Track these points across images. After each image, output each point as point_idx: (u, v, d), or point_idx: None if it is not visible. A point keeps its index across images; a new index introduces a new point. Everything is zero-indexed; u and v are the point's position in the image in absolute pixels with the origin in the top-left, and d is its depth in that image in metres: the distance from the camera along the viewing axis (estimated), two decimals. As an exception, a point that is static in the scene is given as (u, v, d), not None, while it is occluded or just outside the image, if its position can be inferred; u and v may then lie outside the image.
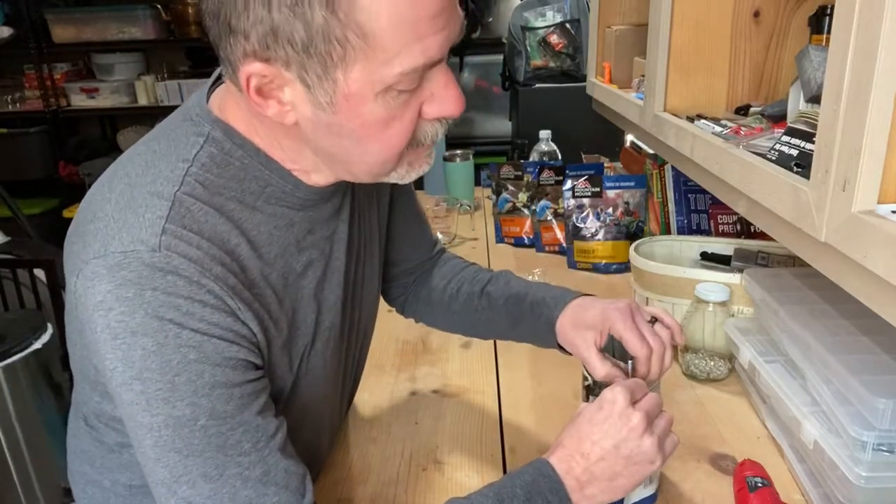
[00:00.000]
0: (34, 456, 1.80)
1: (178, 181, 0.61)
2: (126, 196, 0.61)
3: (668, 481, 0.86)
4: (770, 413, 0.94)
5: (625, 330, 0.75)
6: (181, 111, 0.69)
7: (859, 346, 0.77)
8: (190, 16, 3.56)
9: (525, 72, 2.49)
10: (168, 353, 0.57)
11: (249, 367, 0.63)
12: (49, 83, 3.69)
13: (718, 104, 1.08)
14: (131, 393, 0.58)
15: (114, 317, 0.57)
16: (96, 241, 0.59)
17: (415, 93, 0.60)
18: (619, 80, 1.51)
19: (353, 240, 0.79)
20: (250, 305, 0.63)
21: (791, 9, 1.03)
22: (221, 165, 0.64)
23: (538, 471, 0.66)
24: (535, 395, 1.08)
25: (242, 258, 0.64)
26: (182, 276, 0.58)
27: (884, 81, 0.50)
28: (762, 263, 1.19)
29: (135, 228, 0.58)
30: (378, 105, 0.58)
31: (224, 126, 0.65)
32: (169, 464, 0.59)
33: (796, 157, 0.68)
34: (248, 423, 0.61)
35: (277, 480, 0.61)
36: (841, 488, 0.71)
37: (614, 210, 1.55)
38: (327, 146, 0.63)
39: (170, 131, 0.67)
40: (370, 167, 0.65)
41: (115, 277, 0.57)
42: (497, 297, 0.92)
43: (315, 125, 0.61)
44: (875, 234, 0.50)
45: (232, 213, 0.64)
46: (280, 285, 0.68)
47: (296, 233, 0.70)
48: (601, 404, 0.67)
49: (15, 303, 2.13)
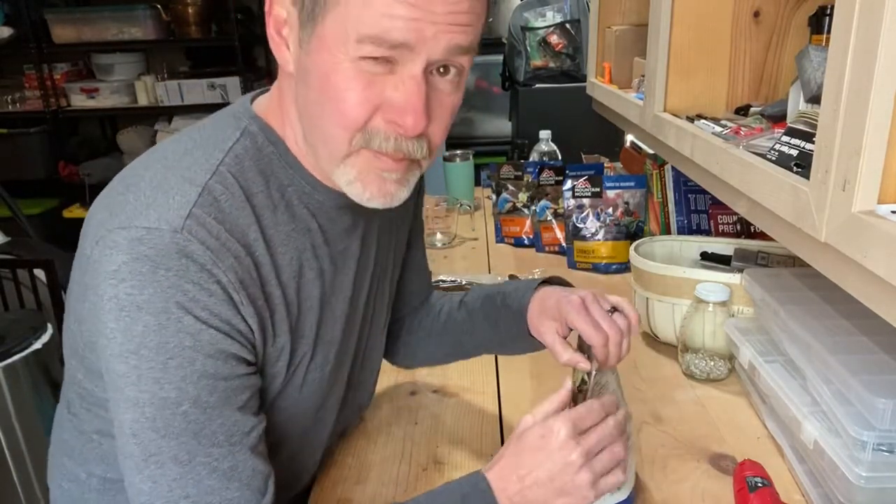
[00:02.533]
0: (34, 456, 1.80)
1: (212, 170, 0.64)
2: (160, 176, 0.63)
3: (668, 481, 0.86)
4: (770, 413, 0.94)
5: (577, 320, 0.76)
6: (227, 108, 0.72)
7: (859, 346, 0.77)
8: (190, 16, 3.55)
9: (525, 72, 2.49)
10: (167, 334, 0.59)
11: (240, 363, 0.64)
12: (49, 83, 3.68)
13: (718, 104, 1.08)
14: (125, 366, 0.59)
15: (124, 288, 0.58)
16: (123, 213, 0.60)
17: (381, 79, 0.61)
18: (619, 80, 1.51)
19: (366, 262, 0.80)
20: (255, 303, 0.64)
21: (791, 9, 1.03)
22: (254, 159, 0.67)
23: (475, 485, 0.67)
24: (535, 395, 1.08)
25: (258, 254, 0.65)
26: (196, 261, 0.59)
27: (884, 81, 0.50)
28: (762, 263, 1.19)
29: (162, 208, 0.60)
30: (343, 63, 0.60)
31: (261, 123, 0.69)
32: (143, 441, 0.60)
33: (796, 157, 0.68)
34: (226, 416, 0.62)
35: (242, 477, 0.63)
36: (841, 488, 0.71)
37: (614, 210, 1.55)
38: (302, 99, 0.65)
39: (213, 124, 0.70)
40: (325, 139, 0.65)
41: (134, 251, 0.58)
42: (473, 303, 0.95)
43: (297, 69, 0.64)
44: (875, 234, 0.50)
45: (255, 208, 0.66)
46: (289, 288, 0.69)
47: (312, 239, 0.72)
48: (544, 432, 0.66)
49: (15, 303, 2.13)
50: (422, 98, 0.61)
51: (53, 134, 3.78)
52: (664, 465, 0.89)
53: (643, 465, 0.88)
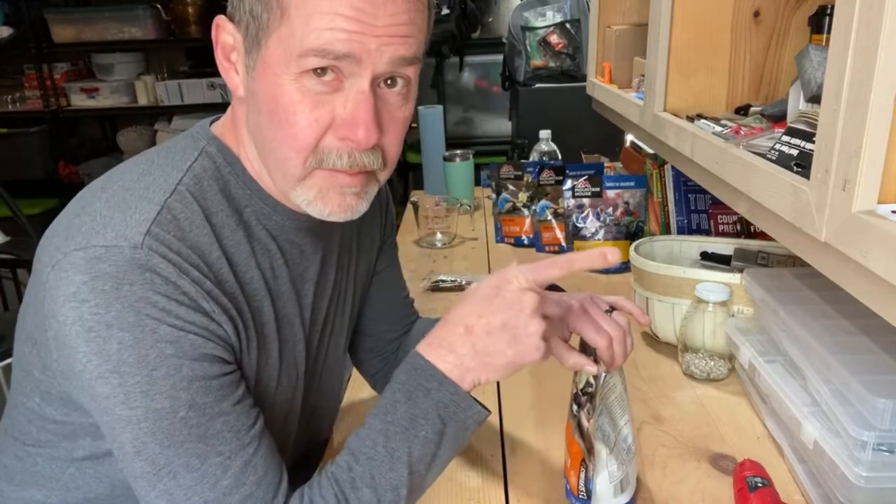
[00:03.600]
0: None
1: (170, 189, 0.64)
2: (117, 197, 0.63)
3: (668, 481, 0.86)
4: (770, 413, 0.94)
5: (579, 325, 0.76)
6: (185, 132, 0.73)
7: (859, 346, 0.77)
8: (190, 16, 3.56)
9: (525, 72, 2.50)
10: (145, 347, 0.58)
11: (224, 363, 0.63)
12: (49, 83, 3.69)
13: (718, 104, 1.08)
14: (108, 386, 0.58)
15: (87, 309, 0.57)
16: (79, 234, 0.60)
17: (328, 99, 0.61)
18: (619, 80, 1.51)
19: (325, 285, 0.81)
20: (226, 311, 0.64)
21: (791, 9, 1.03)
22: (213, 178, 0.67)
23: (410, 365, 0.65)
24: (535, 395, 1.08)
25: (221, 272, 0.65)
26: (160, 274, 0.58)
27: (884, 81, 0.50)
28: (762, 263, 1.19)
29: (120, 226, 0.59)
30: (289, 83, 0.60)
31: (219, 143, 0.70)
32: (150, 456, 0.59)
33: (796, 157, 0.68)
34: (227, 412, 0.62)
35: (257, 470, 0.62)
36: (841, 488, 0.71)
37: (614, 210, 1.55)
38: (253, 124, 0.66)
39: (170, 146, 0.70)
40: (279, 163, 0.65)
41: (93, 269, 0.57)
42: None
43: (247, 95, 0.65)
44: (875, 234, 0.50)
45: (215, 227, 0.66)
46: (253, 307, 0.69)
47: (271, 261, 0.72)
48: (497, 282, 0.64)
49: (15, 303, 2.14)
50: (370, 111, 0.61)
51: (53, 134, 3.79)
52: (664, 465, 0.89)
53: (643, 465, 0.88)
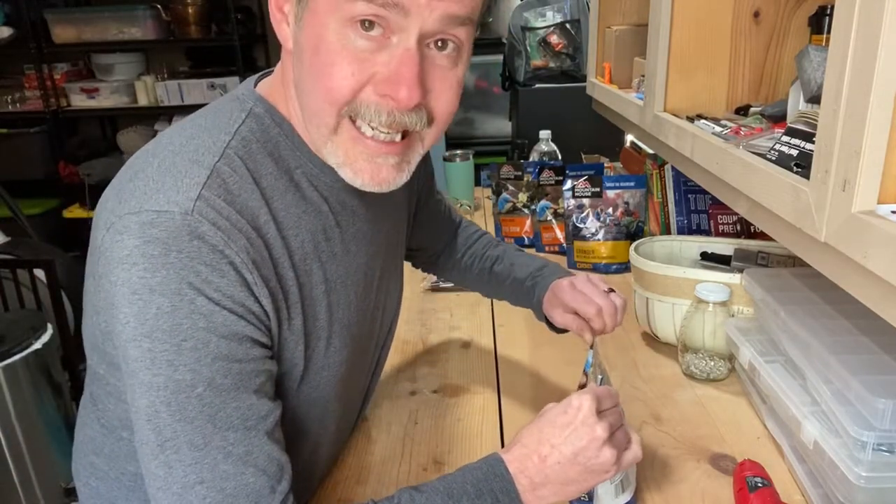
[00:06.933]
0: (34, 456, 1.80)
1: (219, 153, 0.64)
2: (168, 161, 0.63)
3: (668, 481, 0.86)
4: (770, 413, 0.93)
5: (568, 297, 0.89)
6: (229, 93, 0.72)
7: (859, 346, 0.77)
8: (190, 16, 3.55)
9: (525, 72, 2.49)
10: (180, 316, 0.58)
11: (255, 345, 0.63)
12: (49, 83, 3.68)
13: (718, 104, 1.08)
14: (139, 350, 0.59)
15: (136, 272, 0.58)
16: (133, 199, 0.60)
17: (371, 56, 0.61)
18: (619, 80, 1.51)
19: (377, 244, 0.81)
20: (268, 283, 0.64)
21: (791, 9, 1.03)
22: (260, 141, 0.67)
23: (491, 468, 0.66)
24: (535, 395, 1.08)
25: (269, 237, 0.65)
26: (207, 242, 0.59)
27: (884, 81, 0.50)
28: (762, 263, 1.19)
29: (172, 191, 0.60)
30: (332, 33, 0.60)
31: (266, 104, 0.69)
32: (159, 426, 0.59)
33: (796, 158, 0.68)
34: (242, 400, 0.61)
35: (258, 462, 0.62)
36: (841, 488, 0.71)
37: (614, 210, 1.55)
38: (297, 75, 0.65)
39: (217, 108, 0.70)
40: (313, 114, 0.65)
41: (145, 234, 0.58)
42: (503, 279, 1.05)
43: (294, 46, 0.65)
44: (875, 234, 0.50)
45: (265, 190, 0.66)
46: (301, 270, 0.69)
47: (324, 222, 0.71)
48: (566, 409, 0.67)
49: (15, 303, 2.13)
50: (414, 69, 0.60)
51: (53, 134, 3.78)
52: (664, 465, 0.89)
53: (643, 465, 0.88)
